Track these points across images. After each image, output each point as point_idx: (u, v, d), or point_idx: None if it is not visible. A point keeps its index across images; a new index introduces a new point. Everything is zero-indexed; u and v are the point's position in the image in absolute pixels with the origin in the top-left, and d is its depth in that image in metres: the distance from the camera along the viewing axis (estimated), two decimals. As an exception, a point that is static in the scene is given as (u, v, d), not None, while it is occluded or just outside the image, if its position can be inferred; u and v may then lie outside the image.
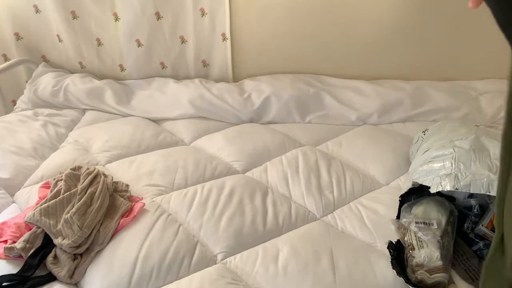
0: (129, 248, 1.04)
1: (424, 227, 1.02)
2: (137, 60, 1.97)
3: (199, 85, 1.87)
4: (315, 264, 1.01)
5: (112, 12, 1.89)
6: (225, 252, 1.08)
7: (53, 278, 0.98)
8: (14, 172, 1.36)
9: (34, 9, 1.92)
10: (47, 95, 1.83)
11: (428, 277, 0.92)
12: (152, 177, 1.34)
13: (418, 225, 1.03)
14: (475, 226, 1.06)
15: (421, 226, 1.02)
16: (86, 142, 1.57)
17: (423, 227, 1.02)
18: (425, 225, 1.02)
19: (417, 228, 1.02)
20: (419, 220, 1.04)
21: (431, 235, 0.99)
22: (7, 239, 1.05)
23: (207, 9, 1.86)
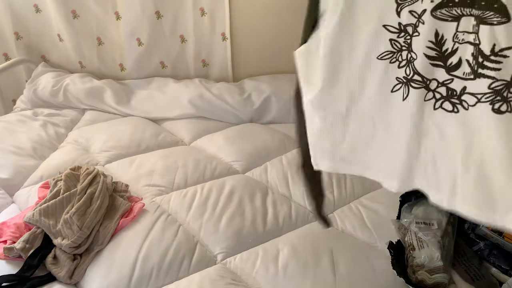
0: (129, 248, 1.04)
1: (424, 227, 1.02)
2: (137, 59, 1.97)
3: (199, 85, 1.87)
4: (315, 265, 1.01)
5: (113, 11, 1.88)
6: (225, 252, 1.07)
7: (52, 279, 0.98)
8: (13, 172, 1.35)
9: (34, 9, 1.92)
10: (46, 95, 1.83)
11: (428, 278, 0.92)
12: (152, 177, 1.33)
13: (418, 225, 1.03)
14: (475, 226, 1.06)
15: (421, 226, 1.02)
16: (86, 142, 1.57)
17: (423, 227, 1.02)
18: (425, 225, 1.02)
19: (417, 228, 1.02)
20: (420, 220, 1.04)
21: (431, 235, 0.99)
22: (6, 239, 1.05)
23: (207, 9, 1.86)
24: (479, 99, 0.52)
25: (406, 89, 0.58)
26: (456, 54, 0.52)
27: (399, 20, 0.54)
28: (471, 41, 0.50)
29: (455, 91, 0.54)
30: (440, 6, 0.51)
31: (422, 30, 0.53)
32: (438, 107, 0.56)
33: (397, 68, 0.57)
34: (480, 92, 0.51)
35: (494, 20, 0.47)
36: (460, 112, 0.54)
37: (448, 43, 0.52)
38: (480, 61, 0.50)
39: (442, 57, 0.53)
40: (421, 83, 0.56)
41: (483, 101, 0.51)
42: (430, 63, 0.54)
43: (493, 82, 0.50)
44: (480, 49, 0.50)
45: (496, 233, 1.01)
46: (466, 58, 0.51)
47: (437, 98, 0.56)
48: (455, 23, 0.51)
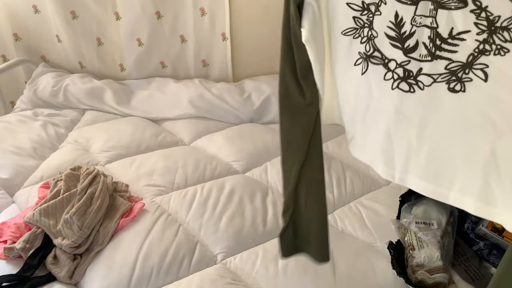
0: (129, 248, 1.04)
1: (424, 227, 1.02)
2: (137, 59, 1.97)
3: (199, 85, 1.87)
4: (315, 264, 1.01)
5: (113, 11, 1.88)
6: (225, 252, 1.07)
7: (52, 278, 0.98)
8: (13, 172, 1.35)
9: (33, 9, 1.92)
10: (46, 95, 1.83)
11: (428, 277, 0.92)
12: (152, 177, 1.33)
13: (418, 225, 1.03)
14: (475, 226, 1.06)
15: (421, 226, 1.02)
16: (86, 142, 1.57)
17: (423, 227, 1.02)
18: (425, 225, 1.02)
19: (417, 228, 1.02)
20: (419, 220, 1.04)
21: (431, 235, 0.99)
22: (6, 239, 1.05)
23: (207, 9, 1.86)
24: (435, 79, 0.54)
25: (365, 64, 0.61)
26: (413, 37, 0.54)
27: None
28: (428, 25, 0.52)
29: (412, 72, 0.56)
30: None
31: (384, 10, 0.56)
32: (395, 87, 0.59)
33: (359, 43, 0.61)
34: (436, 73, 0.54)
35: (452, 5, 0.50)
36: (416, 92, 0.57)
37: (407, 26, 0.54)
38: (438, 43, 0.52)
39: (400, 39, 0.56)
40: (380, 59, 0.59)
41: (439, 81, 0.54)
42: (390, 42, 0.57)
43: (450, 63, 0.53)
44: (438, 32, 0.52)
45: (496, 233, 1.01)
46: (422, 41, 0.54)
47: (395, 78, 0.58)
48: (413, 6, 0.53)
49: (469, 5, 0.48)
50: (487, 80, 0.50)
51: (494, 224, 1.02)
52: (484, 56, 0.50)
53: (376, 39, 0.58)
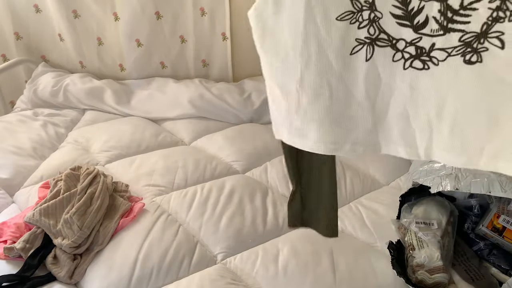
0: (129, 248, 1.04)
1: (424, 227, 1.02)
2: (137, 59, 1.97)
3: (199, 85, 1.87)
4: (315, 265, 1.01)
5: (112, 12, 1.88)
6: (225, 252, 1.07)
7: (52, 278, 0.98)
8: (13, 172, 1.35)
9: (34, 9, 1.92)
10: (46, 95, 1.83)
11: (428, 277, 0.92)
12: (152, 177, 1.33)
13: (418, 225, 1.03)
14: (475, 226, 1.06)
15: (421, 226, 1.02)
16: (86, 142, 1.57)
17: (423, 227, 1.02)
18: (425, 225, 1.02)
19: (417, 228, 1.02)
20: (420, 220, 1.04)
21: (431, 235, 0.99)
22: (6, 239, 1.05)
23: (207, 9, 1.86)
24: (449, 53, 0.53)
25: (370, 48, 0.57)
26: (422, 12, 0.52)
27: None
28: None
29: (424, 49, 0.54)
30: None
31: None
32: (408, 66, 0.56)
33: (357, 29, 0.56)
34: (450, 46, 0.52)
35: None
36: (430, 68, 0.55)
37: (414, 2, 0.52)
38: (449, 16, 0.51)
39: (408, 16, 0.53)
40: (387, 41, 0.56)
41: (454, 54, 0.53)
42: (397, 22, 0.54)
43: (464, 35, 0.51)
44: (449, 5, 0.50)
45: (496, 233, 1.01)
46: (432, 15, 0.52)
47: (406, 58, 0.56)
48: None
49: None
50: (504, 47, 0.49)
51: (494, 224, 1.02)
52: (498, 23, 0.48)
53: (381, 19, 0.55)
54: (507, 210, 1.03)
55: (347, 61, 0.58)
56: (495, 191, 0.93)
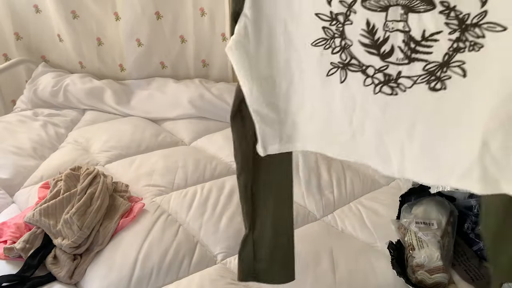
0: (129, 248, 1.04)
1: (424, 227, 1.02)
2: (137, 59, 1.97)
3: (199, 85, 1.87)
4: (315, 265, 1.01)
5: (113, 12, 1.88)
6: (225, 252, 1.07)
7: (52, 279, 0.98)
8: (13, 172, 1.35)
9: (34, 9, 1.92)
10: (46, 95, 1.83)
11: (428, 277, 0.92)
12: (152, 177, 1.33)
13: (418, 225, 1.02)
14: (475, 226, 1.06)
15: (421, 226, 1.02)
16: (86, 142, 1.57)
17: (423, 227, 1.02)
18: (425, 225, 1.02)
19: (417, 228, 1.02)
20: (419, 220, 1.04)
21: (431, 235, 0.99)
22: (6, 239, 1.05)
23: (207, 9, 1.86)
24: (415, 81, 0.56)
25: (343, 72, 0.61)
26: (388, 42, 0.56)
27: (331, 9, 0.57)
28: (400, 29, 0.54)
29: (392, 76, 0.57)
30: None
31: (355, 19, 0.57)
32: (378, 91, 0.60)
33: (331, 54, 0.60)
34: (415, 74, 0.56)
35: (420, 8, 0.52)
36: (399, 94, 0.58)
37: (380, 32, 0.55)
38: (413, 46, 0.54)
39: (375, 45, 0.57)
40: (358, 67, 0.59)
41: (419, 82, 0.56)
42: (365, 50, 0.58)
43: (427, 64, 0.54)
44: (411, 36, 0.53)
45: (496, 233, 1.01)
46: (398, 45, 0.55)
47: (376, 83, 0.59)
48: (384, 13, 0.54)
49: (438, 7, 0.50)
50: (466, 75, 0.52)
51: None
52: (459, 53, 0.52)
53: (351, 47, 0.59)
54: (507, 210, 1.03)
55: (324, 82, 0.63)
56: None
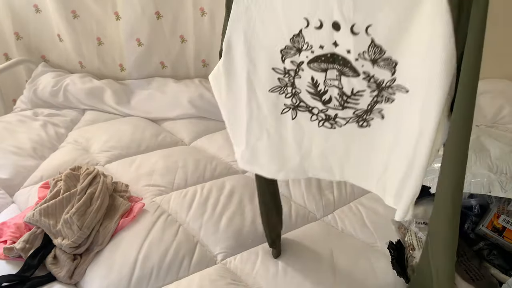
0: (129, 248, 1.04)
1: (424, 227, 1.02)
2: (137, 59, 1.97)
3: (199, 85, 1.87)
4: (315, 265, 1.01)
5: (113, 11, 1.89)
6: (225, 252, 1.07)
7: (52, 279, 0.98)
8: (13, 172, 1.35)
9: (34, 9, 1.92)
10: (46, 95, 1.83)
11: (428, 278, 0.92)
12: (152, 177, 1.33)
13: (418, 225, 1.03)
14: (475, 226, 1.06)
15: (421, 226, 1.02)
16: (86, 142, 1.57)
17: (423, 227, 1.02)
18: (425, 225, 1.02)
19: (417, 228, 1.02)
20: (420, 220, 1.04)
21: (431, 235, 0.99)
22: (6, 239, 1.05)
23: (207, 9, 1.86)
24: (348, 121, 0.73)
25: (294, 112, 0.77)
26: (327, 93, 0.72)
27: (284, 65, 0.73)
28: (336, 85, 0.70)
29: (331, 116, 0.74)
30: (312, 61, 0.70)
31: (303, 74, 0.72)
32: (321, 125, 0.76)
33: (284, 98, 0.76)
34: (348, 116, 0.73)
35: (349, 74, 0.67)
36: (336, 128, 0.75)
37: (321, 86, 0.72)
38: (345, 98, 0.71)
39: (318, 95, 0.73)
40: (305, 108, 0.76)
41: (351, 122, 0.73)
42: (311, 96, 0.74)
43: (356, 111, 0.71)
44: (343, 91, 0.70)
45: (496, 233, 1.01)
46: (334, 96, 0.71)
47: (319, 119, 0.76)
48: (324, 73, 0.70)
49: (361, 75, 0.67)
50: (384, 118, 0.70)
51: (494, 224, 1.02)
52: (378, 104, 0.69)
53: (300, 94, 0.75)
54: (507, 210, 1.03)
55: (279, 118, 0.79)
56: (495, 191, 0.93)
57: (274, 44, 0.71)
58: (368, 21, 0.61)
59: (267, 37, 0.71)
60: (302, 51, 0.69)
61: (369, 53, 0.63)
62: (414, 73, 0.62)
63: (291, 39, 0.69)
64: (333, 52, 0.67)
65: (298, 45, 0.69)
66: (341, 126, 0.74)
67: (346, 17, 0.62)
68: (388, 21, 0.59)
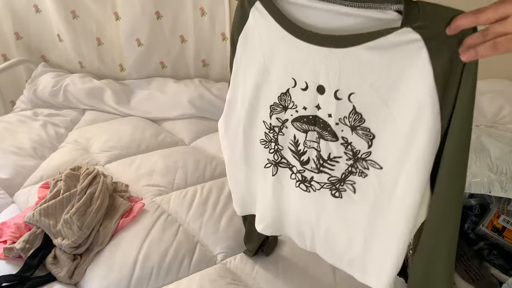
0: (129, 248, 1.04)
1: (424, 227, 1.02)
2: (137, 59, 1.97)
3: (199, 85, 1.87)
4: (315, 265, 1.01)
5: (113, 11, 1.88)
6: (225, 252, 1.07)
7: (52, 279, 0.98)
8: (13, 172, 1.35)
9: (34, 9, 1.92)
10: (46, 95, 1.83)
11: (428, 278, 0.92)
12: (152, 177, 1.33)
13: (418, 225, 1.02)
14: (475, 226, 1.06)
15: (421, 226, 1.02)
16: (86, 142, 1.57)
17: (423, 227, 1.01)
18: (425, 225, 1.02)
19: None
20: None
21: (431, 235, 0.98)
22: (6, 239, 1.05)
23: (207, 9, 1.86)
24: (322, 186, 0.73)
25: (275, 168, 0.79)
26: (306, 154, 0.73)
27: (271, 121, 0.74)
28: (315, 147, 0.71)
29: (307, 178, 0.75)
30: (296, 120, 0.71)
31: (286, 132, 0.74)
32: (297, 186, 0.77)
33: (268, 152, 0.78)
34: (322, 181, 0.73)
35: (328, 138, 0.68)
36: (310, 192, 0.76)
37: (301, 146, 0.73)
38: (321, 162, 0.71)
39: (297, 154, 0.74)
40: (286, 164, 0.77)
41: (325, 187, 0.73)
42: (292, 154, 0.75)
43: (330, 177, 0.72)
44: (321, 155, 0.70)
45: (496, 233, 1.01)
46: (312, 158, 0.72)
47: (296, 180, 0.77)
48: (304, 134, 0.71)
49: (339, 140, 0.67)
50: (355, 192, 0.70)
51: (494, 224, 1.02)
52: (352, 175, 0.69)
53: (282, 150, 0.76)
54: (507, 210, 1.03)
55: (263, 172, 0.81)
56: (495, 191, 0.93)
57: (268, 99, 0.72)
58: (351, 89, 0.61)
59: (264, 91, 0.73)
60: (288, 109, 0.71)
61: (350, 119, 0.64)
62: (393, 151, 0.62)
63: (279, 97, 0.70)
64: (315, 114, 0.68)
65: (284, 103, 0.70)
66: (315, 190, 0.74)
67: (331, 82, 0.63)
68: (369, 96, 0.60)
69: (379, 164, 0.65)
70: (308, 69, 0.64)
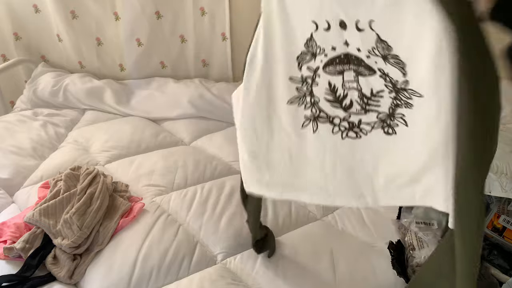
0: (129, 248, 1.04)
1: (424, 227, 1.02)
2: (137, 59, 1.97)
3: (199, 85, 1.87)
4: (315, 265, 1.01)
5: (112, 11, 1.88)
6: (225, 252, 1.07)
7: (52, 279, 0.98)
8: (13, 172, 1.35)
9: (33, 9, 1.92)
10: (46, 95, 1.83)
11: (428, 277, 0.92)
12: (152, 177, 1.33)
13: (418, 225, 1.03)
14: (475, 226, 1.05)
15: (421, 226, 1.02)
16: (86, 142, 1.57)
17: (423, 227, 1.02)
18: (425, 225, 1.02)
19: (417, 228, 1.02)
20: (420, 220, 1.04)
21: (431, 235, 0.99)
22: (6, 239, 1.05)
23: (207, 9, 1.86)
24: (372, 126, 0.70)
25: (315, 124, 0.74)
26: (347, 97, 0.70)
27: (301, 73, 0.71)
28: (355, 87, 0.68)
29: (354, 123, 0.71)
30: (328, 64, 0.68)
31: (319, 81, 0.70)
32: (345, 136, 0.73)
33: (304, 109, 0.74)
34: (372, 121, 0.70)
35: (366, 73, 0.65)
36: (362, 137, 0.72)
37: (340, 90, 0.70)
38: (366, 101, 0.68)
39: (338, 101, 0.71)
40: (326, 118, 0.73)
41: (376, 127, 0.70)
42: (330, 104, 0.71)
43: (379, 114, 0.68)
44: (363, 93, 0.68)
45: (496, 233, 1.01)
46: (355, 99, 0.69)
47: (342, 130, 0.73)
48: (340, 76, 0.68)
49: (377, 73, 0.64)
50: (408, 125, 0.66)
51: (494, 224, 1.02)
52: (399, 108, 0.66)
53: (319, 103, 0.72)
54: (507, 210, 1.03)
55: (299, 133, 0.76)
56: (495, 191, 0.93)
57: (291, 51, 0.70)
58: (370, 16, 0.59)
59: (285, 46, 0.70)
60: (317, 56, 0.68)
61: (378, 49, 0.62)
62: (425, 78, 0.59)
63: (305, 44, 0.68)
64: (346, 52, 0.65)
65: (312, 49, 0.68)
66: (366, 133, 0.71)
67: (349, 14, 0.61)
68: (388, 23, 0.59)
69: (419, 92, 0.62)
70: (325, 8, 0.62)
